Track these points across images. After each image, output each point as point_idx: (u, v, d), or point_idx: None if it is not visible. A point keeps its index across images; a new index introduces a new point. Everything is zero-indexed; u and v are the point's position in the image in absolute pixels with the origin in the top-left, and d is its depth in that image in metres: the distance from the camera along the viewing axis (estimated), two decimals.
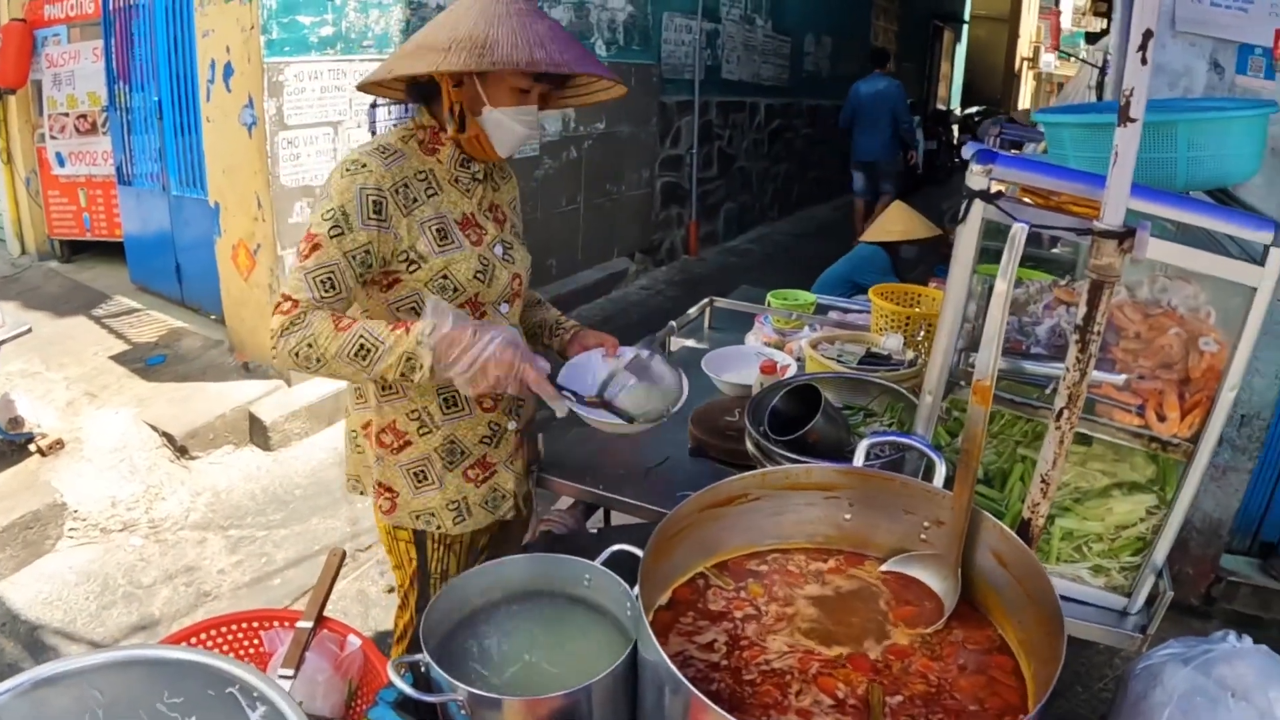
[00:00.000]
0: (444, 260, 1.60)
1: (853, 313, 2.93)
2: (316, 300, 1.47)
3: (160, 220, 5.13)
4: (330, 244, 1.49)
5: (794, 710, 1.02)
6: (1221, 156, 1.31)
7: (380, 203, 1.53)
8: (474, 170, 1.70)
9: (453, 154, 1.66)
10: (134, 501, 3.66)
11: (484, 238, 1.68)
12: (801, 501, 1.32)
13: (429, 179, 1.63)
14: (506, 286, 1.72)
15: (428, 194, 1.62)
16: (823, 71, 11.22)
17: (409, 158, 1.61)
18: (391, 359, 1.42)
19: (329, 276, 1.48)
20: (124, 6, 4.93)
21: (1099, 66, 2.81)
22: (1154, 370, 1.31)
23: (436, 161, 1.65)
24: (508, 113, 1.59)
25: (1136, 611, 1.34)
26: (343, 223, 1.49)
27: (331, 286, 1.48)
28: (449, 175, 1.66)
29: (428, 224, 1.60)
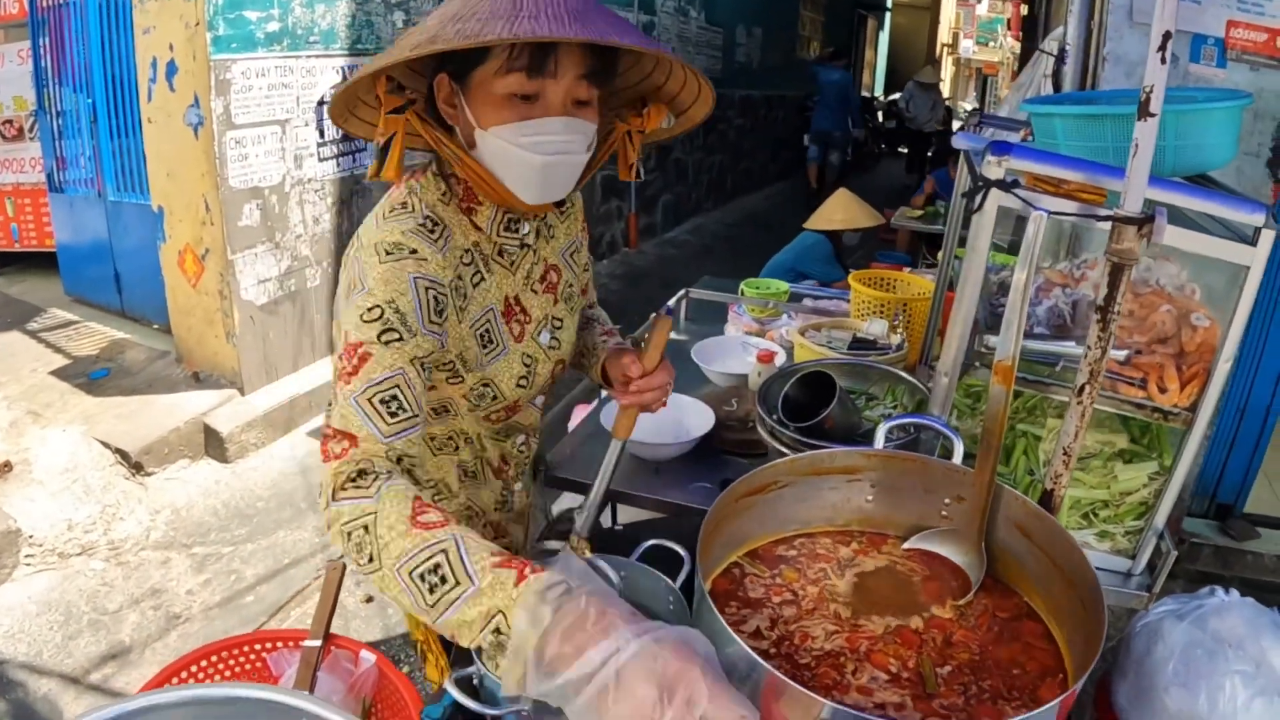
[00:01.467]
0: (490, 372, 1.29)
1: (822, 299, 3.00)
2: (376, 434, 1.03)
3: (96, 228, 4.95)
4: (384, 351, 1.07)
5: (855, 688, 1.06)
6: (1204, 145, 1.39)
7: (441, 301, 1.15)
8: (523, 233, 1.29)
9: (493, 215, 1.24)
10: (91, 523, 3.55)
11: (526, 328, 1.34)
12: (825, 486, 1.36)
13: (474, 258, 1.23)
14: (546, 380, 1.40)
15: (475, 281, 1.23)
16: (753, 62, 11.38)
17: (453, 229, 1.20)
18: (474, 612, 0.87)
19: (393, 394, 1.05)
20: (53, 5, 4.72)
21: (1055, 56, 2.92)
22: (1150, 345, 1.38)
23: (478, 230, 1.24)
24: (505, 134, 1.11)
25: (1140, 572, 1.42)
26: (398, 325, 1.08)
27: (401, 407, 1.06)
28: (493, 247, 1.26)
29: (476, 326, 1.25)
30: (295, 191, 4.46)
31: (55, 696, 2.71)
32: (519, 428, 1.48)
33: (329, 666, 1.65)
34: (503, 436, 1.48)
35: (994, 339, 1.39)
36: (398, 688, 1.61)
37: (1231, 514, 3.14)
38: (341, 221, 4.80)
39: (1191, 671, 1.40)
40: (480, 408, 1.33)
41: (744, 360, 2.29)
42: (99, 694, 2.73)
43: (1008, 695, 1.06)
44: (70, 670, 2.83)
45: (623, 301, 6.73)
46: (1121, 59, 2.30)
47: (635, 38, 1.07)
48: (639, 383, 1.35)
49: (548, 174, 1.14)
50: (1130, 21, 2.22)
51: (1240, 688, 1.35)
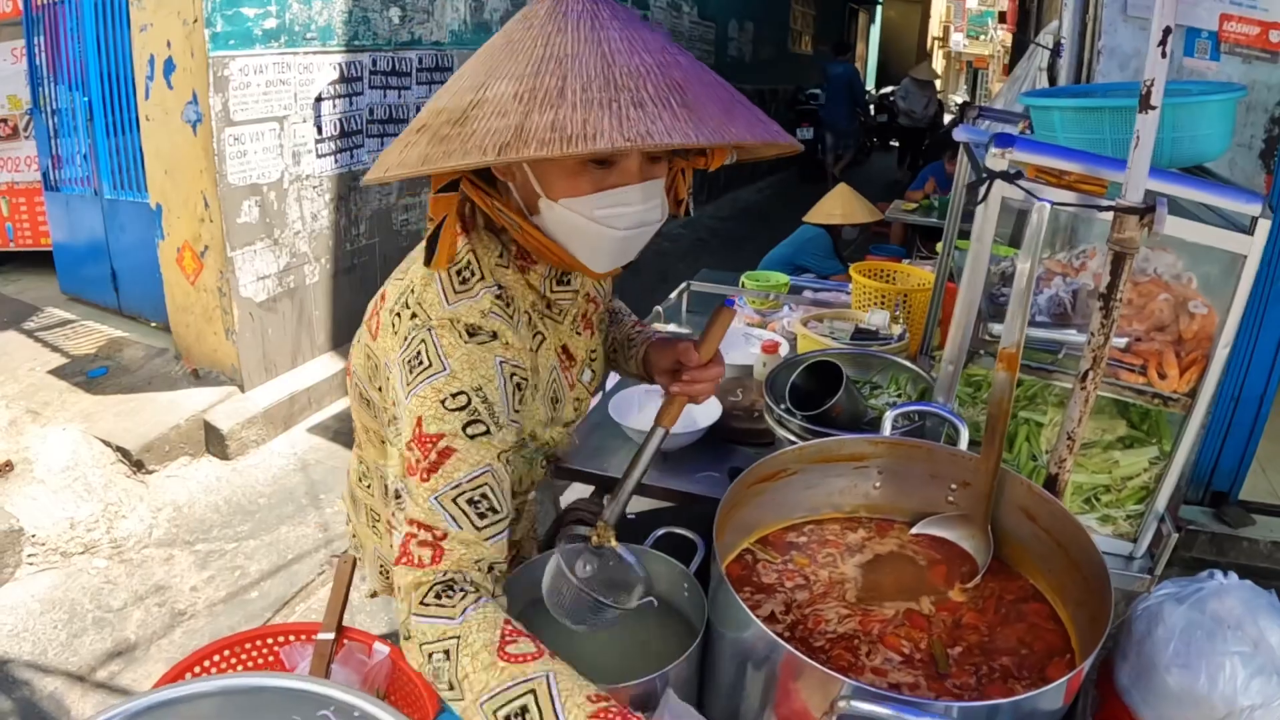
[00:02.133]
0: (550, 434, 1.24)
1: (822, 291, 3.03)
2: (469, 537, 0.96)
3: (93, 226, 4.94)
4: (472, 447, 0.98)
5: (870, 670, 1.08)
6: (1200, 136, 1.42)
7: (523, 386, 1.07)
8: (575, 284, 1.19)
9: (547, 272, 1.15)
10: (93, 522, 3.55)
11: (572, 372, 1.27)
12: (833, 473, 1.39)
13: (532, 320, 1.15)
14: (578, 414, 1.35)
15: (537, 344, 1.16)
16: (745, 56, 11.42)
17: (515, 292, 1.11)
18: None
19: (483, 494, 0.97)
20: (48, 3, 4.71)
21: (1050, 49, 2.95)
22: (1149, 332, 1.41)
23: (533, 289, 1.15)
24: (579, 207, 1.01)
25: (1141, 555, 1.46)
26: (486, 417, 0.99)
27: (492, 509, 0.98)
28: (544, 302, 1.18)
29: (545, 391, 1.20)
30: (294, 188, 4.47)
31: (61, 695, 2.72)
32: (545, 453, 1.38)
33: (342, 659, 1.67)
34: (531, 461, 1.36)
35: (997, 327, 1.42)
36: (412, 679, 1.64)
37: (1226, 501, 3.19)
38: (339, 218, 4.81)
39: (1192, 652, 1.44)
40: (525, 457, 1.25)
41: (747, 351, 2.32)
42: (106, 692, 2.75)
43: (1017, 674, 1.09)
44: (76, 668, 2.83)
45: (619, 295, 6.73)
46: (1116, 52, 2.33)
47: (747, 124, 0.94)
48: (693, 373, 1.22)
49: (626, 245, 1.06)
50: (1124, 15, 2.25)
51: (1239, 667, 1.39)
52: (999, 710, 0.92)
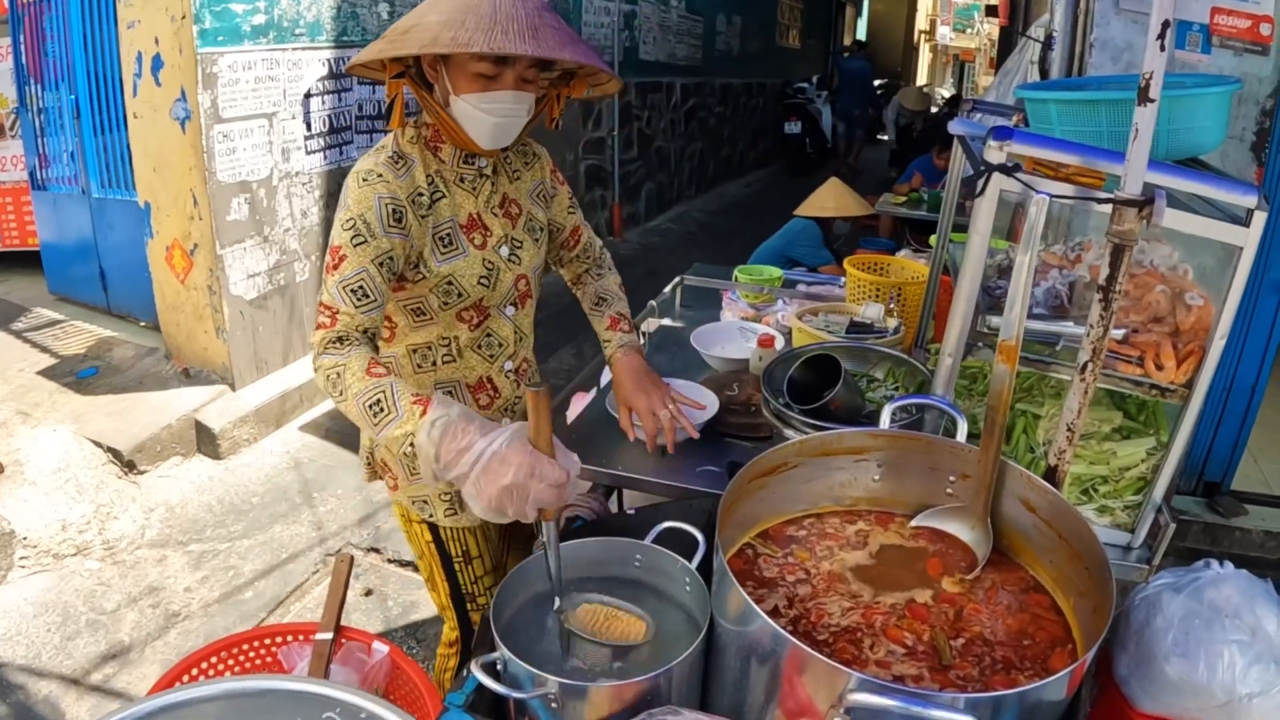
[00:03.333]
0: (449, 268, 1.59)
1: (816, 285, 3.03)
2: (350, 311, 1.44)
3: (81, 225, 4.90)
4: (354, 253, 1.46)
5: (873, 662, 1.09)
6: (1196, 129, 1.42)
7: (400, 211, 1.51)
8: (480, 165, 1.65)
9: (454, 151, 1.61)
10: (85, 523, 3.53)
11: (489, 240, 1.65)
12: (833, 466, 1.39)
13: (435, 181, 1.60)
14: (510, 289, 1.70)
15: (436, 198, 1.59)
16: (733, 50, 11.40)
17: (417, 163, 1.58)
18: (398, 432, 1.30)
19: (360, 285, 1.46)
20: (33, 1, 4.67)
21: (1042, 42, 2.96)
22: (1146, 324, 1.42)
23: (440, 161, 1.61)
24: (471, 100, 1.50)
25: (1139, 545, 1.46)
26: (364, 231, 1.47)
27: (364, 295, 1.46)
28: (454, 175, 1.62)
29: (439, 230, 1.59)
30: (283, 185, 4.44)
31: (56, 698, 2.71)
32: (498, 340, 1.73)
33: (341, 658, 1.66)
34: (484, 353, 1.73)
35: (995, 320, 1.42)
36: (411, 677, 1.64)
37: (1219, 491, 3.21)
38: (329, 214, 4.77)
39: (1190, 641, 1.45)
40: (449, 304, 1.63)
41: (742, 345, 2.32)
42: (101, 694, 2.73)
43: (1020, 665, 1.09)
44: (70, 671, 2.82)
45: None
46: (1108, 45, 2.33)
47: (573, 51, 1.46)
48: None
49: (499, 129, 1.55)
50: (1116, 9, 2.26)
51: (1238, 656, 1.39)
52: (1005, 701, 0.93)
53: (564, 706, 1.09)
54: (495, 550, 1.88)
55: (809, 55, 15.71)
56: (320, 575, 3.38)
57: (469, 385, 1.74)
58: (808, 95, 13.22)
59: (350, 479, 4.04)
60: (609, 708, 1.07)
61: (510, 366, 1.78)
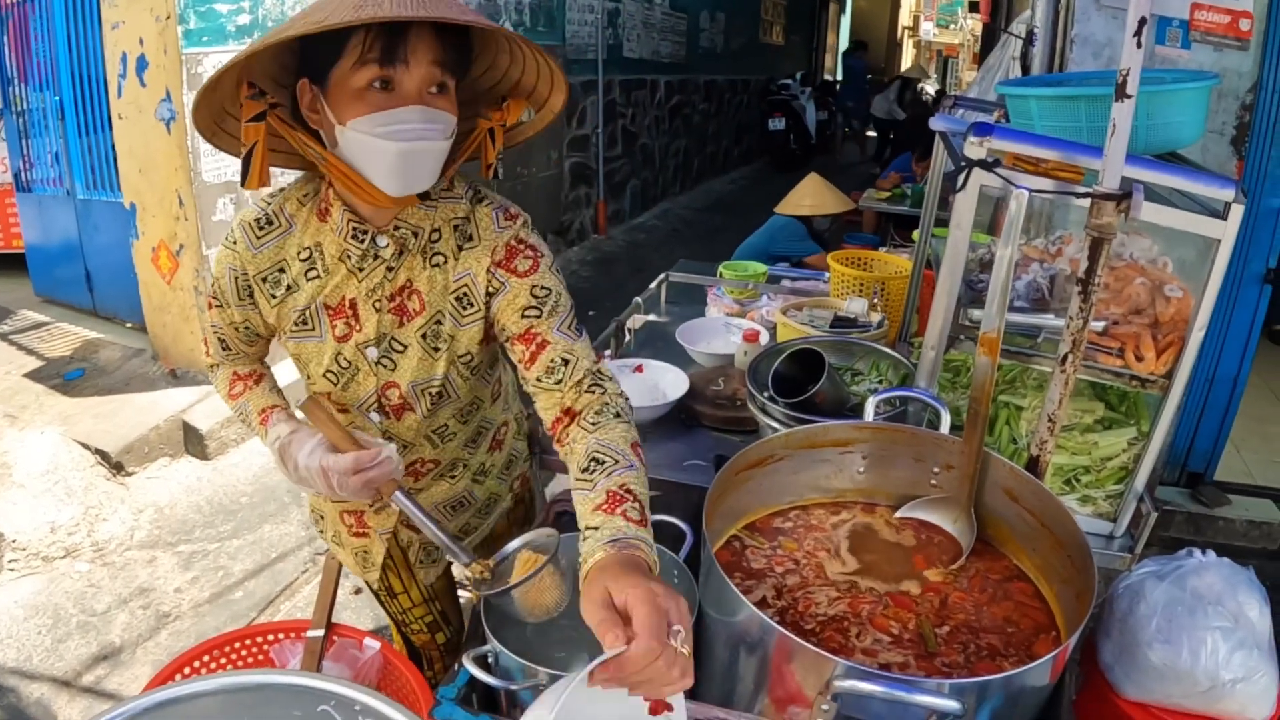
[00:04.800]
0: (295, 348, 1.36)
1: (800, 280, 3.05)
2: (219, 355, 1.47)
3: (66, 227, 4.88)
4: (214, 312, 1.39)
5: (860, 650, 1.10)
6: (1174, 124, 1.44)
7: (248, 287, 1.31)
8: (380, 246, 1.25)
9: (340, 220, 1.23)
10: (74, 525, 3.52)
11: (353, 333, 1.31)
12: (819, 458, 1.41)
13: (313, 257, 1.28)
14: (371, 395, 1.37)
15: (309, 277, 1.28)
16: (717, 47, 11.42)
17: (298, 230, 1.27)
18: (258, 430, 1.43)
19: (221, 338, 1.43)
20: (16, 2, 4.64)
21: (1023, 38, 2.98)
22: (1126, 316, 1.44)
23: (329, 230, 1.26)
24: (362, 125, 1.10)
25: (1122, 534, 1.48)
26: (220, 296, 1.35)
27: (225, 347, 1.44)
28: (338, 250, 1.26)
29: (301, 312, 1.32)
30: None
31: (49, 700, 2.70)
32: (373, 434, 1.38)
33: (334, 655, 1.67)
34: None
35: (977, 313, 1.44)
36: (403, 673, 1.64)
37: (1202, 481, 3.25)
38: None
39: (1173, 628, 1.48)
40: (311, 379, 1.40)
41: (728, 340, 2.34)
42: (93, 696, 2.73)
43: (1004, 652, 1.11)
44: (62, 673, 2.81)
45: (594, 289, 6.73)
46: (1089, 40, 2.36)
47: (473, 17, 1.06)
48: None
49: (406, 162, 1.12)
50: (1097, 4, 2.29)
51: (1220, 642, 1.43)
52: (989, 686, 0.94)
53: None
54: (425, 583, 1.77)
55: (793, 52, 15.75)
56: (310, 574, 3.38)
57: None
58: (792, 91, 13.25)
59: None
60: None
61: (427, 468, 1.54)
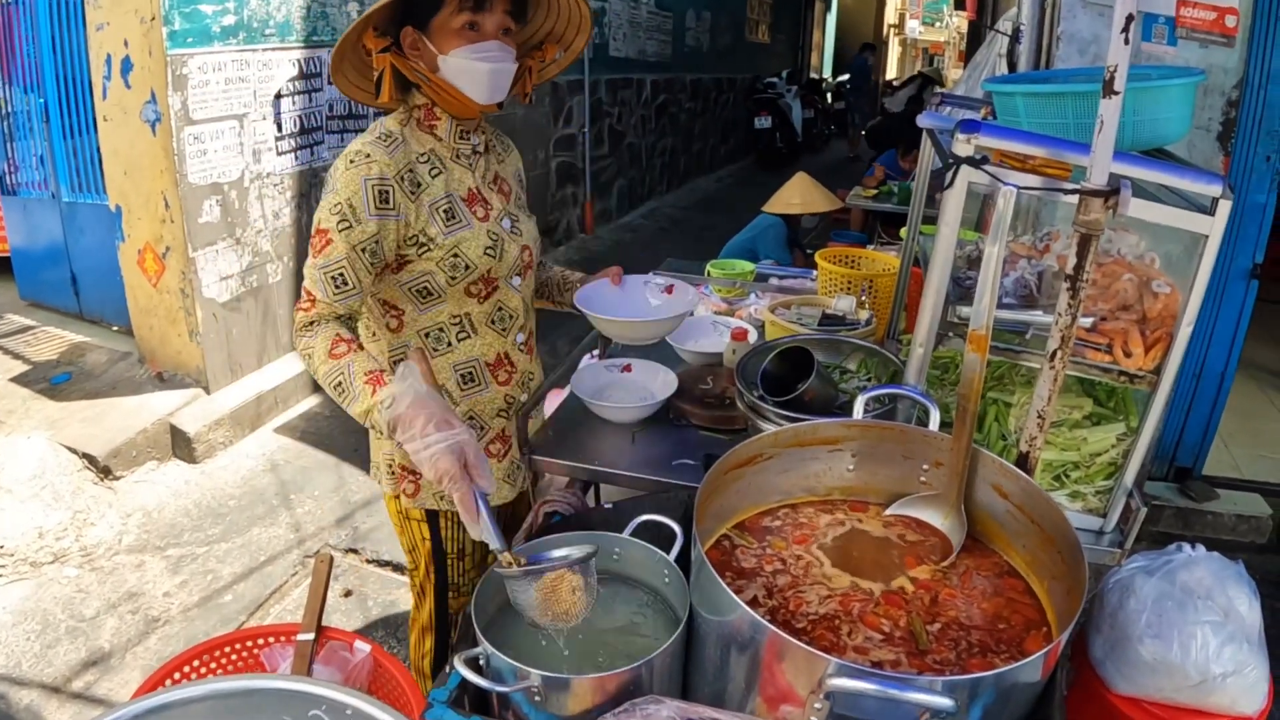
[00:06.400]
0: (454, 240, 1.62)
1: (788, 279, 3.06)
2: (329, 298, 1.50)
3: (51, 230, 4.84)
4: (339, 238, 1.50)
5: (851, 648, 1.10)
6: (1161, 120, 1.45)
7: (386, 192, 1.53)
8: (474, 143, 1.70)
9: (450, 128, 1.65)
10: (62, 530, 3.50)
11: (490, 212, 1.69)
12: (808, 457, 1.40)
13: (431, 159, 1.63)
14: (517, 260, 1.73)
15: (433, 175, 1.62)
16: (703, 46, 11.44)
17: (410, 141, 1.61)
18: (358, 409, 1.42)
19: (340, 273, 1.51)
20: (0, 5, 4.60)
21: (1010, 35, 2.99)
22: (1114, 312, 1.44)
23: (436, 139, 1.65)
24: (462, 53, 1.55)
25: (1111, 530, 1.49)
26: (350, 215, 1.50)
27: (344, 283, 1.51)
28: (451, 151, 1.66)
29: (436, 205, 1.61)
30: (255, 186, 4.41)
31: (38, 707, 2.68)
32: (509, 313, 1.77)
33: (324, 658, 1.66)
34: (498, 327, 1.76)
35: (965, 310, 1.44)
36: (394, 674, 1.64)
37: (1190, 476, 3.26)
38: (301, 215, 4.74)
39: (1164, 623, 1.48)
40: (457, 279, 1.65)
41: (716, 339, 2.33)
42: (83, 702, 2.71)
43: (996, 648, 1.11)
44: (51, 679, 2.79)
45: None
46: (1075, 37, 2.36)
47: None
48: None
49: (492, 79, 1.57)
50: (1083, 2, 2.29)
51: (1210, 636, 1.43)
52: (981, 683, 0.94)
53: (547, 699, 1.09)
54: (482, 547, 1.90)
55: (779, 50, 15.78)
56: (299, 577, 3.36)
57: (488, 363, 1.77)
58: (778, 90, 13.27)
59: (327, 480, 4.03)
60: (591, 699, 1.08)
61: (521, 339, 1.82)
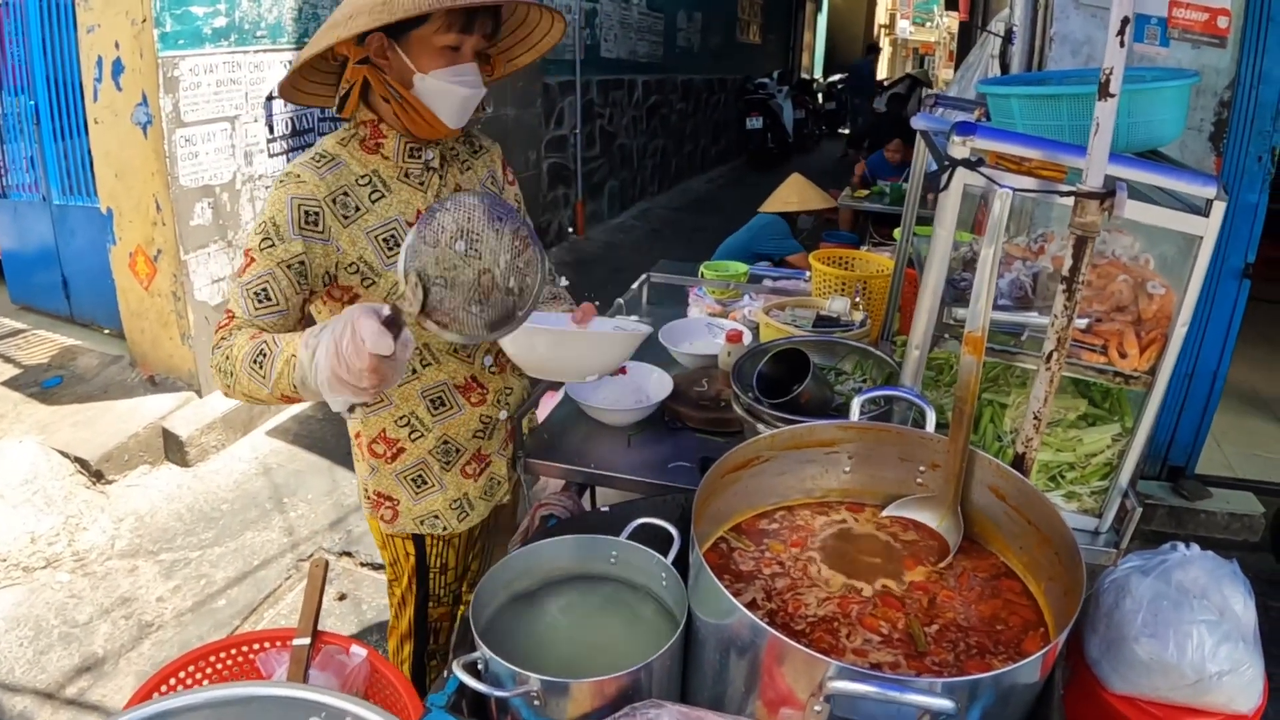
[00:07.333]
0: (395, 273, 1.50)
1: (781, 280, 3.06)
2: (250, 313, 1.41)
3: (42, 233, 4.82)
4: (262, 256, 1.43)
5: (850, 651, 1.10)
6: (1155, 122, 1.45)
7: (314, 213, 1.46)
8: (427, 158, 1.59)
9: (397, 146, 1.55)
10: (54, 535, 3.48)
11: None
12: (804, 459, 1.40)
13: (373, 181, 1.54)
14: None
15: (373, 199, 1.53)
16: (694, 46, 11.46)
17: (348, 163, 1.52)
18: (280, 361, 1.27)
19: (263, 288, 1.42)
20: None
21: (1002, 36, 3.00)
22: (1109, 313, 1.45)
23: (381, 159, 1.55)
24: (441, 75, 1.46)
25: (1107, 530, 1.49)
26: (273, 234, 1.43)
27: (266, 298, 1.42)
28: (397, 171, 1.56)
29: (374, 233, 1.52)
30: (246, 188, 4.39)
31: (31, 713, 2.67)
32: None
33: (320, 663, 1.65)
34: (462, 354, 1.69)
35: (960, 312, 1.44)
36: (390, 679, 1.63)
37: (1183, 475, 3.28)
38: None
39: (1159, 622, 1.48)
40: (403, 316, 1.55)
41: (710, 341, 2.33)
42: (76, 708, 2.69)
43: (994, 650, 1.11)
44: (44, 685, 2.77)
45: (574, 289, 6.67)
46: (1068, 39, 2.37)
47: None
48: None
49: (466, 103, 1.51)
50: (1076, 3, 2.30)
51: (1206, 635, 1.43)
52: (981, 684, 0.94)
53: (546, 704, 1.09)
54: (463, 560, 1.91)
55: (770, 51, 15.80)
56: (292, 581, 3.35)
57: (457, 386, 1.71)
58: (769, 90, 13.29)
59: (320, 484, 4.02)
60: (590, 703, 1.08)
61: (489, 361, 1.76)
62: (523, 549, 1.29)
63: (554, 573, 1.33)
